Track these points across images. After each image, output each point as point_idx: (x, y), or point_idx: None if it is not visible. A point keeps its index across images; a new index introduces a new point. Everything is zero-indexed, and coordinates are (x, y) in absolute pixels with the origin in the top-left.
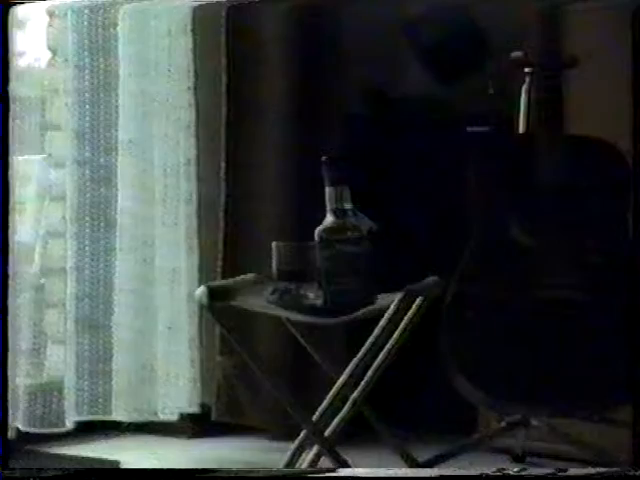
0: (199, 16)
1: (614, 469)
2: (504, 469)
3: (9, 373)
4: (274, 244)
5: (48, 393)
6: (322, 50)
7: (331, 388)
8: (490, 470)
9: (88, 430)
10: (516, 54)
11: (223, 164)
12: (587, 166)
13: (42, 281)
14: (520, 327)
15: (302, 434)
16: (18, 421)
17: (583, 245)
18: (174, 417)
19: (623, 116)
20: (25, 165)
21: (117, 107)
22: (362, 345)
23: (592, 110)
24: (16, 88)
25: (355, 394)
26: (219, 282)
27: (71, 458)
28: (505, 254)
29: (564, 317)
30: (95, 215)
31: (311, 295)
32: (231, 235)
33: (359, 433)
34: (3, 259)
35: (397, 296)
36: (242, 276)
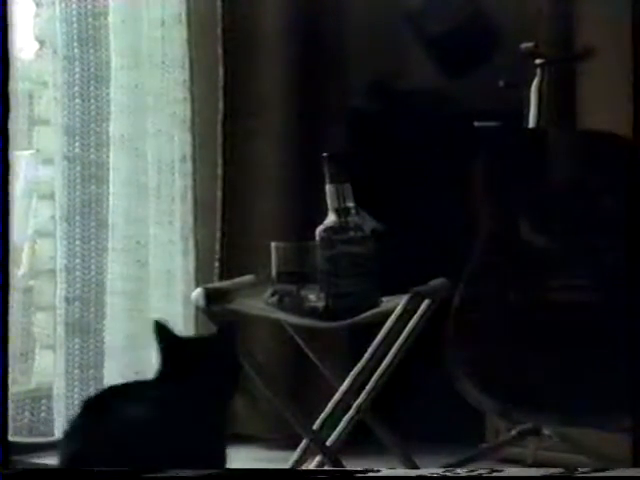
0: (194, 5)
1: (614, 469)
2: (498, 470)
3: (9, 372)
4: (273, 244)
5: (36, 400)
6: (323, 41)
7: (333, 395)
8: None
9: None
10: (526, 45)
11: (220, 160)
12: (600, 162)
13: (30, 283)
14: (532, 331)
15: (303, 443)
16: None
17: (598, 245)
18: None
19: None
20: (12, 161)
21: (108, 101)
22: (365, 350)
23: (605, 104)
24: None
25: (358, 401)
26: (216, 284)
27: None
28: (516, 254)
29: (579, 321)
30: (86, 214)
31: (312, 298)
32: (228, 235)
33: (362, 442)
34: (3, 259)
35: (403, 299)
36: (240, 278)
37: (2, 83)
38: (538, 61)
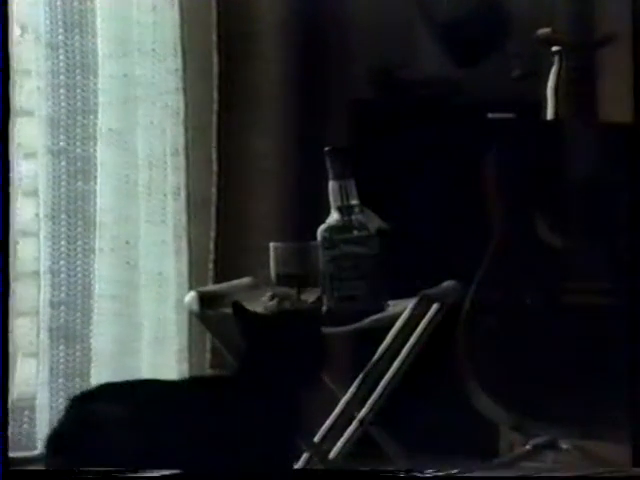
0: None
1: (614, 469)
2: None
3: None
4: (272, 245)
5: (18, 412)
6: (324, 27)
7: (336, 405)
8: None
9: None
10: (543, 31)
11: (215, 155)
12: (622, 156)
13: (12, 286)
14: (547, 337)
15: (304, 456)
16: None
17: (618, 246)
18: None
19: None
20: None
21: (96, 91)
22: (370, 358)
23: (627, 94)
24: None
25: (362, 412)
26: (211, 287)
27: None
28: (530, 256)
29: (597, 326)
30: (72, 212)
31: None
32: (224, 234)
33: (366, 456)
34: (3, 258)
35: (410, 302)
36: (236, 280)
37: (2, 83)
38: (555, 48)
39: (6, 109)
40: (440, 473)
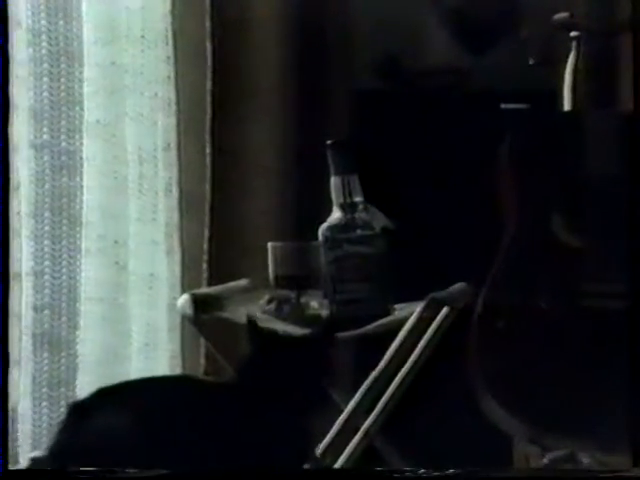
0: None
1: (614, 469)
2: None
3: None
4: (271, 244)
5: None
6: (325, 11)
7: (338, 416)
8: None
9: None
10: (560, 16)
11: (209, 149)
12: None
13: None
14: (564, 344)
15: (305, 469)
16: None
17: None
18: None
19: None
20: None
21: (81, 80)
22: (375, 365)
23: None
24: None
25: (367, 423)
26: (205, 290)
27: None
28: (546, 256)
29: (618, 332)
30: (56, 210)
31: (315, 305)
32: (219, 234)
33: (371, 469)
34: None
35: (418, 306)
36: (232, 282)
37: (2, 83)
38: (574, 34)
39: (6, 109)
40: (440, 473)
